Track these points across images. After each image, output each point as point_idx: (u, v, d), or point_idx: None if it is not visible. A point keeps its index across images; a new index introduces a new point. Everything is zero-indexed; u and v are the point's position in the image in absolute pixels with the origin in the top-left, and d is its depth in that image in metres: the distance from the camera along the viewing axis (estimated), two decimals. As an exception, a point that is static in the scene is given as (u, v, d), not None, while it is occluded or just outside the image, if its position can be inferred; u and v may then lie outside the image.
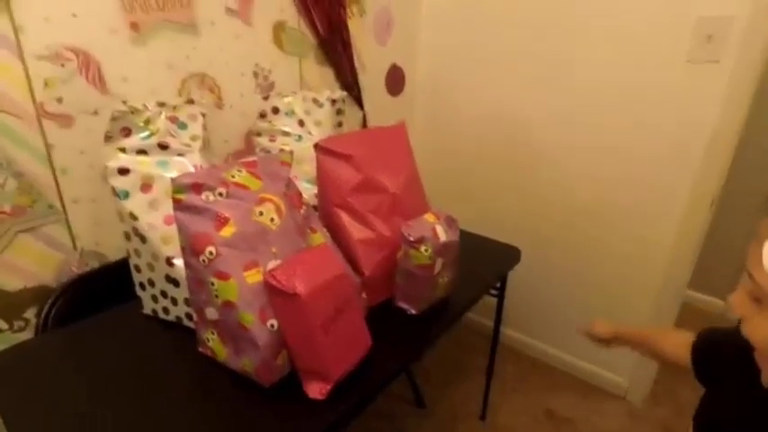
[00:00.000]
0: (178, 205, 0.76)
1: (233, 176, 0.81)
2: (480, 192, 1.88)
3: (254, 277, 0.76)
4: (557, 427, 1.63)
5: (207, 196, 0.77)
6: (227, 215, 0.77)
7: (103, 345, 0.90)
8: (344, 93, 1.31)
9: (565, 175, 1.65)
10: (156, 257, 0.89)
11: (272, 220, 0.81)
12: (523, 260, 1.38)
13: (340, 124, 1.33)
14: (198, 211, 0.77)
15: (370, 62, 1.66)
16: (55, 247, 1.02)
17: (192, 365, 0.85)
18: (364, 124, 1.69)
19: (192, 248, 0.77)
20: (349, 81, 1.57)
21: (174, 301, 0.92)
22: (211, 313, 0.80)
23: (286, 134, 1.20)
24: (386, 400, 1.70)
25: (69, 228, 1.03)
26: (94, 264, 1.09)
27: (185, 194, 0.76)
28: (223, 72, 1.22)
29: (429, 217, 1.03)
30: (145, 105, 0.90)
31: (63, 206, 1.01)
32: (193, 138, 0.96)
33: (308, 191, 1.18)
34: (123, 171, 0.88)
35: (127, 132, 0.89)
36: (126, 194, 0.88)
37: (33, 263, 0.99)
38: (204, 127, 1.01)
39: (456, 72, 1.80)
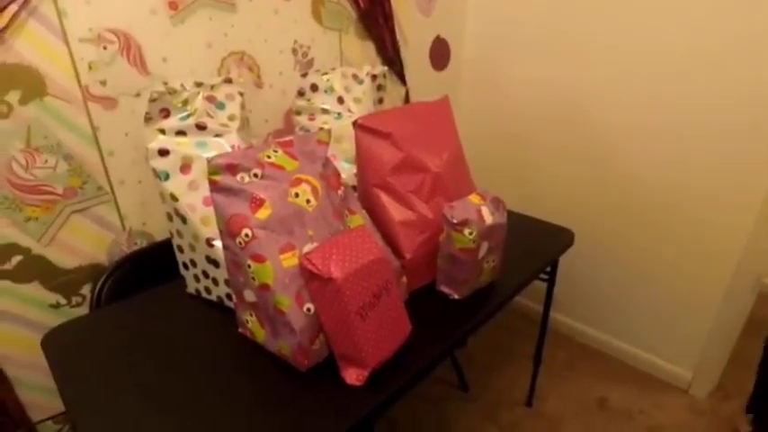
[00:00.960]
0: (214, 186, 0.75)
1: (269, 157, 0.79)
2: (530, 172, 1.78)
3: (290, 260, 0.75)
4: (609, 418, 1.54)
5: (242, 177, 0.75)
6: (262, 196, 0.75)
7: (149, 323, 0.92)
8: (385, 68, 1.25)
9: (624, 156, 1.51)
10: (197, 238, 0.89)
11: (308, 201, 0.78)
12: (576, 243, 1.29)
13: (381, 100, 1.28)
14: (234, 193, 0.75)
15: (413, 35, 1.58)
16: (106, 227, 1.05)
17: (233, 346, 0.86)
18: (407, 100, 1.63)
19: (228, 230, 0.76)
20: (391, 55, 1.51)
21: (215, 282, 0.93)
22: (249, 295, 0.79)
23: (325, 112, 1.16)
24: (429, 383, 1.67)
25: (118, 208, 1.05)
26: (143, 243, 1.12)
27: (221, 175, 0.75)
28: (262, 50, 1.19)
29: (474, 198, 0.97)
30: (182, 86, 0.89)
31: (111, 187, 1.03)
32: (231, 117, 0.94)
33: (348, 170, 1.14)
34: (163, 152, 0.88)
35: (166, 113, 0.88)
36: (166, 176, 0.88)
37: (86, 242, 1.03)
38: (242, 106, 0.99)
39: (507, 46, 1.69)
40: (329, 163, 0.88)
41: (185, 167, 0.89)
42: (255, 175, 0.76)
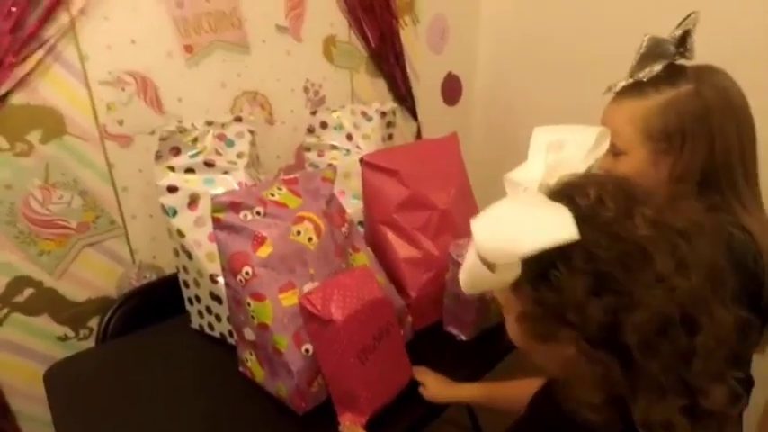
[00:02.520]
0: (217, 224, 0.76)
1: (272, 195, 0.80)
2: None
3: (289, 299, 0.74)
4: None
5: (245, 215, 0.76)
6: (264, 234, 0.75)
7: (152, 360, 0.92)
8: (395, 105, 1.27)
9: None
10: (202, 274, 0.90)
11: (309, 239, 0.78)
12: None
13: (390, 137, 1.30)
14: (236, 230, 0.76)
15: (425, 71, 1.61)
16: (116, 260, 1.07)
17: (233, 386, 0.84)
18: (419, 136, 1.64)
19: (230, 268, 0.76)
20: (402, 92, 1.53)
21: (218, 318, 0.92)
22: (249, 334, 0.78)
23: (334, 148, 1.18)
24: (438, 425, 1.61)
25: (129, 242, 1.07)
26: (152, 276, 1.13)
27: (224, 213, 0.75)
28: (274, 88, 1.23)
29: None
30: (193, 125, 0.92)
31: (123, 222, 1.06)
32: (239, 155, 0.96)
33: (356, 206, 1.14)
34: (172, 189, 0.90)
35: (176, 152, 0.91)
36: (174, 212, 0.90)
37: (97, 275, 1.05)
38: (252, 143, 1.02)
39: (520, 79, 1.69)
40: (334, 200, 0.88)
41: (192, 204, 0.90)
42: (258, 213, 0.77)
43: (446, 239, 1.00)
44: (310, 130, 1.19)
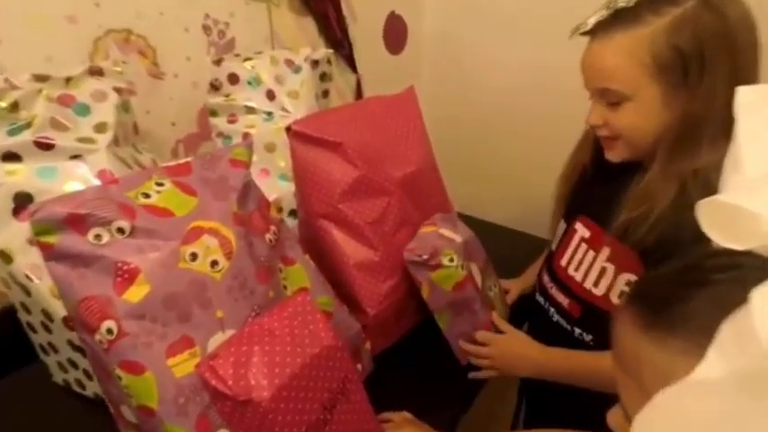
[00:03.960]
0: (48, 253, 0.45)
1: (146, 195, 0.49)
2: (504, 173, 1.54)
3: (184, 367, 0.46)
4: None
5: (97, 235, 0.46)
6: (134, 265, 0.46)
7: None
8: (330, 51, 0.96)
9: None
10: (50, 317, 0.59)
11: (213, 264, 0.50)
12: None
13: (326, 94, 1.00)
14: (84, 262, 0.45)
15: (363, 11, 1.30)
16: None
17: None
18: (358, 92, 1.35)
19: (82, 322, 0.46)
20: (337, 35, 1.22)
21: (88, 374, 0.63)
22: (128, 414, 0.50)
23: (251, 111, 0.87)
24: None
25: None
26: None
27: (58, 235, 0.45)
28: (157, 26, 0.87)
29: (425, 228, 0.74)
30: (8, 80, 0.57)
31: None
32: (99, 128, 0.63)
33: (285, 189, 0.86)
34: (-19, 188, 0.56)
35: (-18, 126, 0.56)
36: (-10, 224, 0.57)
37: None
38: (123, 108, 0.68)
39: (474, 23, 1.43)
40: (251, 193, 0.60)
41: (21, 209, 0.57)
42: (121, 231, 0.47)
43: (408, 233, 0.76)
44: (215, 87, 0.86)
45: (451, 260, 0.69)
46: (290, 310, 0.51)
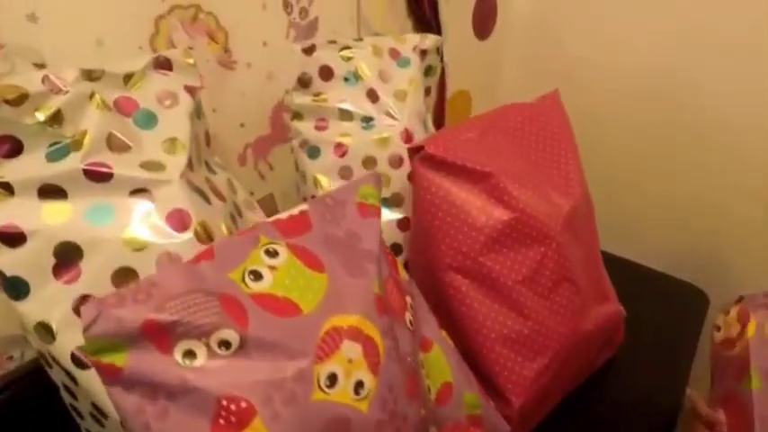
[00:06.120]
0: (112, 378, 0.28)
1: (256, 276, 0.31)
2: (618, 189, 1.26)
3: None
4: None
5: (189, 352, 0.28)
6: (245, 402, 0.28)
7: None
8: (440, 38, 0.76)
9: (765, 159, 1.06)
10: (104, 413, 0.42)
11: (358, 389, 0.32)
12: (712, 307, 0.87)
13: (428, 92, 0.80)
14: (167, 393, 0.28)
15: (456, -15, 1.08)
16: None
17: None
18: (442, 85, 1.14)
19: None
20: (427, 16, 1.01)
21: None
22: None
23: (346, 115, 0.67)
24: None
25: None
26: (23, 357, 0.63)
27: (127, 353, 0.27)
28: (230, 3, 0.68)
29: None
30: (48, 79, 0.39)
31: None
32: (169, 146, 0.45)
33: (384, 220, 0.67)
34: (12, 238, 0.39)
35: (12, 147, 0.39)
36: (23, 287, 0.39)
37: None
38: (196, 115, 0.50)
39: (575, 4, 1.19)
40: (383, 258, 0.41)
41: (62, 267, 0.40)
42: (226, 345, 0.29)
43: (564, 293, 0.56)
44: (304, 83, 0.67)
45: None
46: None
